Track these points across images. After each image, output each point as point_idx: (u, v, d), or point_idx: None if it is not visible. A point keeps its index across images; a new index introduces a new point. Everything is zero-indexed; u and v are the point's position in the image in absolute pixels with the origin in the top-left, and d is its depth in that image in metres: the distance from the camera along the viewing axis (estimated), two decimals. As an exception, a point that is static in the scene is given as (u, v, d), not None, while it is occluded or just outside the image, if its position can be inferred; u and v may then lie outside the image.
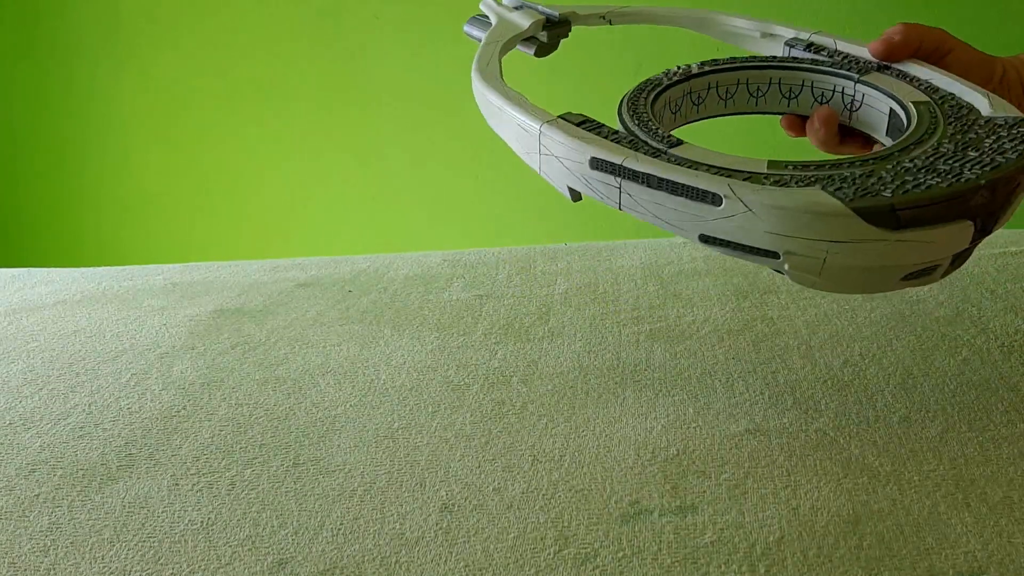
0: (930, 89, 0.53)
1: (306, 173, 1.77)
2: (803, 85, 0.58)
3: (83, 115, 1.81)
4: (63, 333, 0.69)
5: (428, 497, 0.42)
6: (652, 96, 0.57)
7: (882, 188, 0.44)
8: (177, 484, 0.45)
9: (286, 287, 0.78)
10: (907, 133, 0.50)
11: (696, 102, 0.59)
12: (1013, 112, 0.49)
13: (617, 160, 0.48)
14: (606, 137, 0.51)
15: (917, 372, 0.52)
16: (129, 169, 1.84)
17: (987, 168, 0.45)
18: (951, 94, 0.52)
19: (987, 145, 0.47)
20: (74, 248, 1.91)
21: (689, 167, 0.48)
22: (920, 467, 0.42)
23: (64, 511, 0.43)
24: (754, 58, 0.60)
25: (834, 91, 0.57)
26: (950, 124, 0.50)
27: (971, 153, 0.47)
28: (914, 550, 0.36)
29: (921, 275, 0.47)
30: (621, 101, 0.57)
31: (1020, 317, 0.59)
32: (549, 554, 0.38)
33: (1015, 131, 0.48)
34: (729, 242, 0.46)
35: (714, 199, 0.45)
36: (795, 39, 0.60)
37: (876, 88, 0.55)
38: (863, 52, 0.58)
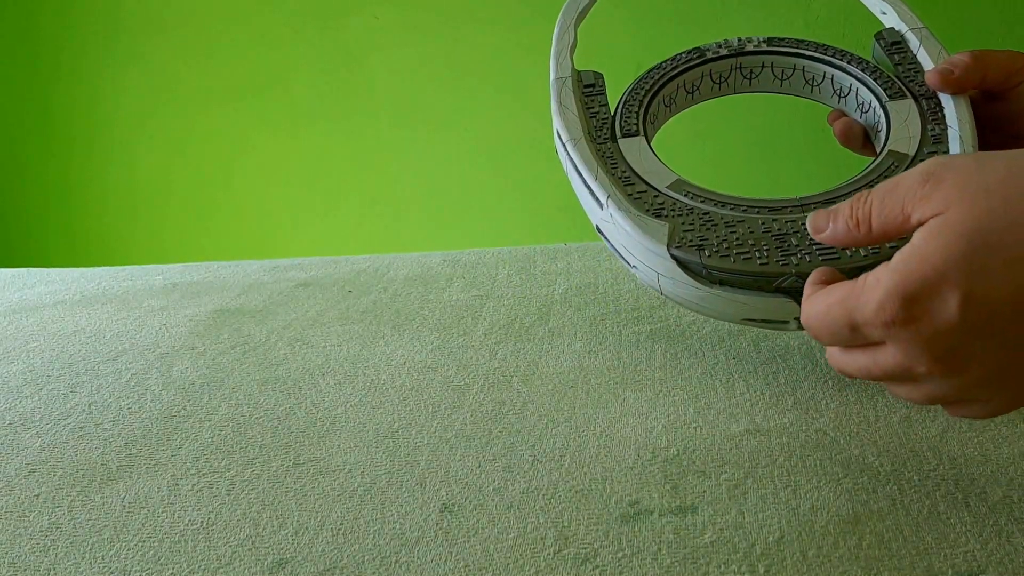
0: (937, 139, 0.52)
1: (306, 173, 1.77)
2: (850, 88, 0.59)
3: (83, 115, 1.81)
4: (63, 333, 0.69)
5: (428, 497, 0.42)
6: (688, 66, 0.61)
7: (714, 244, 0.47)
8: (177, 484, 0.45)
9: (286, 287, 0.78)
10: (838, 184, 0.50)
11: (748, 76, 0.62)
12: None
13: (565, 139, 0.55)
14: (589, 108, 0.58)
15: (917, 372, 0.52)
16: (129, 169, 1.84)
17: (823, 258, 0.45)
18: (945, 151, 0.51)
19: None
20: (74, 248, 1.91)
21: (603, 165, 0.53)
22: (920, 467, 0.42)
23: (64, 511, 0.43)
24: (810, 44, 0.60)
25: (870, 105, 0.57)
26: None
27: None
28: (913, 550, 0.36)
29: (767, 324, 0.49)
30: (661, 66, 0.61)
31: (1020, 317, 0.59)
32: (549, 554, 0.38)
33: None
34: (609, 240, 0.53)
35: (598, 202, 0.52)
36: (891, 31, 0.59)
37: (887, 120, 0.54)
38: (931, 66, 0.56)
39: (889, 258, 0.34)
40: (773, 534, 0.38)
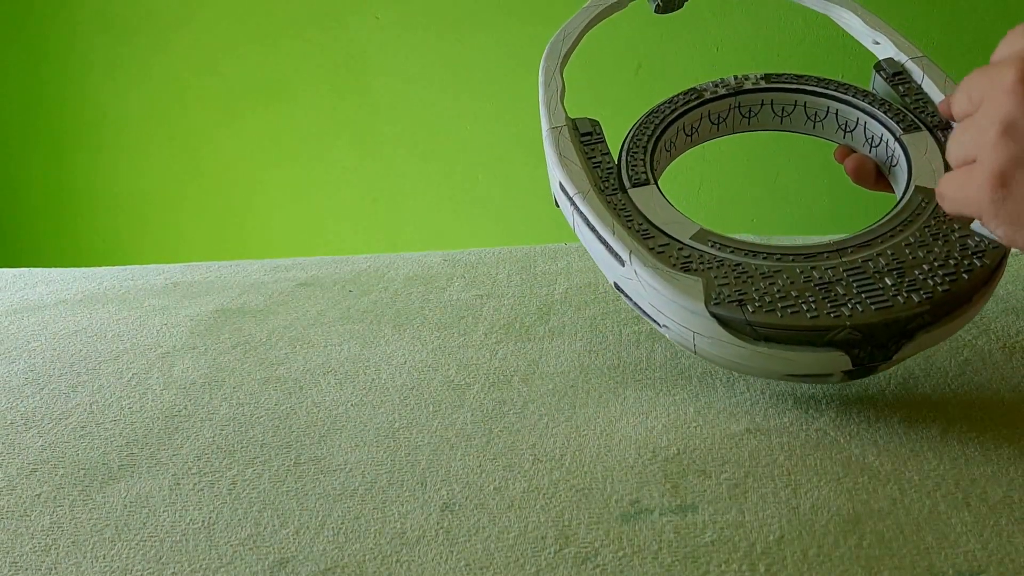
0: None
1: (306, 173, 1.77)
2: (857, 122, 0.57)
3: (83, 115, 1.82)
4: (64, 333, 0.69)
5: (429, 496, 0.42)
6: (686, 108, 0.58)
7: (756, 298, 0.44)
8: (178, 483, 0.45)
9: (287, 287, 0.78)
10: (871, 226, 0.48)
11: (747, 115, 0.60)
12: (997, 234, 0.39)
13: (571, 192, 0.52)
14: (591, 159, 0.54)
15: (918, 372, 0.52)
16: (130, 169, 1.84)
17: (876, 307, 0.43)
18: None
19: (921, 271, 0.45)
20: (75, 248, 1.91)
21: (618, 218, 0.50)
22: (920, 466, 0.42)
23: (65, 510, 0.43)
24: (810, 79, 0.58)
25: (881, 139, 0.55)
26: (927, 226, 0.47)
27: (890, 280, 0.44)
28: (914, 549, 0.36)
29: (809, 378, 0.47)
30: (656, 110, 0.58)
31: (1021, 318, 0.59)
32: (550, 553, 0.38)
33: (966, 262, 0.45)
34: (630, 298, 0.49)
35: (618, 258, 0.48)
36: (890, 61, 0.58)
37: (906, 154, 0.52)
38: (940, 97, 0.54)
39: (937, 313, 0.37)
40: (773, 533, 0.38)
